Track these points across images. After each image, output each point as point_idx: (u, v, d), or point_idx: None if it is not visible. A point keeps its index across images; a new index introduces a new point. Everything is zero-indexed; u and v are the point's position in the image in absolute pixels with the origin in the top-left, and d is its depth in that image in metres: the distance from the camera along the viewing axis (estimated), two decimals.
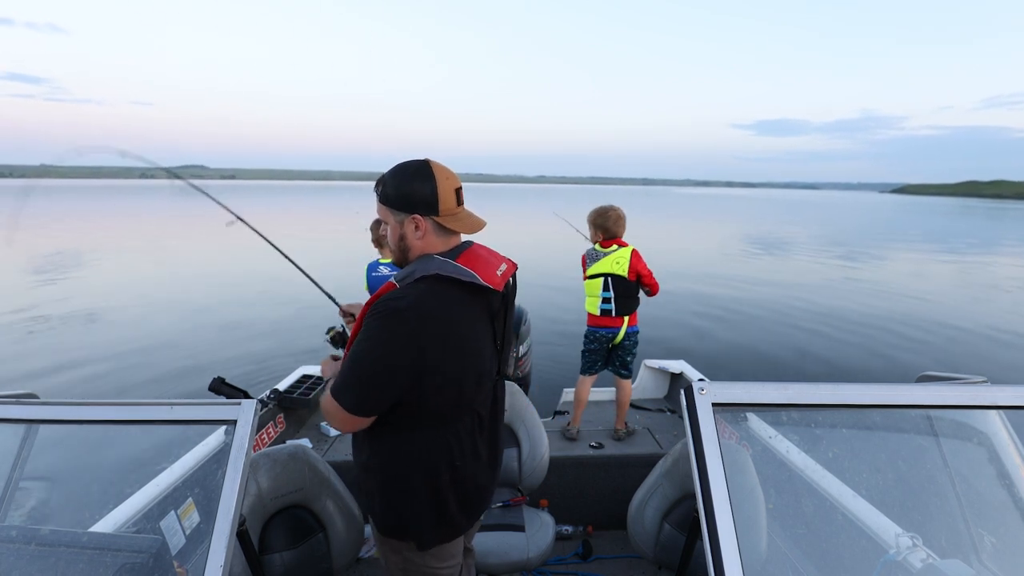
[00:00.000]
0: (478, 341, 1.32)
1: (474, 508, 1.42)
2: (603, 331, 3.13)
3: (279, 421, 3.10)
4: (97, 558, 1.11)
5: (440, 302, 1.22)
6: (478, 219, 1.36)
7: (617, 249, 3.04)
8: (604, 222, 3.07)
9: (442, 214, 1.28)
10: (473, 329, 1.30)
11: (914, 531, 1.37)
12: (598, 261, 3.08)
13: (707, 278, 13.43)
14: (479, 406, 1.36)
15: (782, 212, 55.23)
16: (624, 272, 3.01)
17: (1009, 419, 1.22)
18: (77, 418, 1.12)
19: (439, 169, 1.28)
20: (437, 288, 1.22)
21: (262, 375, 6.43)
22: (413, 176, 1.26)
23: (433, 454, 1.29)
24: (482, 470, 1.40)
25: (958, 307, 10.88)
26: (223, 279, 12.82)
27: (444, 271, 1.22)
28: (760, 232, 28.85)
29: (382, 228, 1.38)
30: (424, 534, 1.34)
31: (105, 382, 6.29)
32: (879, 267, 16.50)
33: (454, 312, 1.24)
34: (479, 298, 1.31)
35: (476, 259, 1.30)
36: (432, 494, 1.31)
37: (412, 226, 1.28)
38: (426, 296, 1.21)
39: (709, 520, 0.88)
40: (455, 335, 1.24)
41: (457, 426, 1.31)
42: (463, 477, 1.34)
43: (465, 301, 1.27)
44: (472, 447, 1.35)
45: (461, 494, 1.35)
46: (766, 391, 1.00)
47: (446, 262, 1.24)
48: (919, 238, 27.60)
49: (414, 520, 1.32)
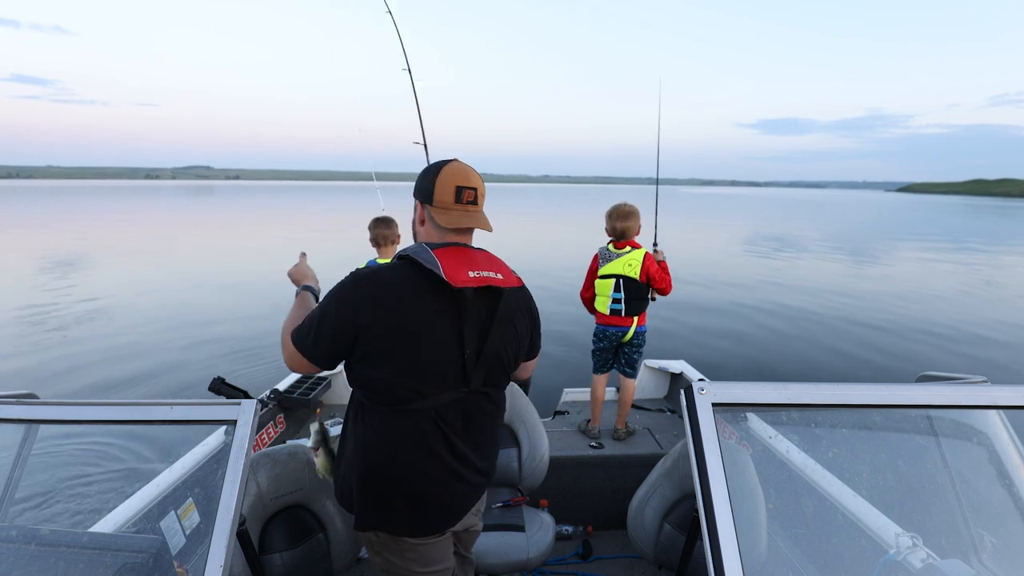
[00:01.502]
0: (429, 331, 1.28)
1: (428, 513, 1.36)
2: (612, 329, 3.14)
3: (279, 421, 3.10)
4: (97, 558, 1.11)
5: (395, 276, 1.28)
6: (475, 219, 1.36)
7: (630, 251, 3.06)
8: (611, 222, 3.09)
9: (435, 205, 1.35)
10: (421, 314, 1.27)
11: (914, 531, 1.37)
12: (610, 262, 3.08)
13: (708, 278, 13.43)
14: (438, 409, 1.31)
15: (786, 211, 55.21)
16: (636, 274, 3.03)
17: (1009, 419, 1.22)
18: (77, 418, 1.11)
19: (452, 166, 1.36)
20: (405, 268, 1.29)
21: (262, 375, 6.43)
22: (430, 168, 1.39)
23: (380, 438, 1.31)
24: (439, 478, 1.34)
25: (958, 307, 10.88)
26: (224, 280, 12.83)
27: (416, 255, 1.28)
28: (761, 232, 28.85)
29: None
30: (362, 513, 1.35)
31: (105, 382, 6.29)
32: (880, 267, 16.49)
33: (404, 289, 1.27)
34: (445, 294, 1.28)
35: (455, 255, 1.30)
36: (373, 476, 1.32)
37: (418, 213, 1.41)
38: (386, 270, 1.29)
39: (709, 520, 0.88)
40: (395, 307, 1.25)
41: (407, 418, 1.30)
42: (408, 472, 1.31)
43: (426, 289, 1.27)
44: (424, 446, 1.31)
45: (405, 491, 1.32)
46: (766, 391, 1.00)
47: (423, 249, 1.29)
48: (921, 237, 27.58)
49: (359, 497, 1.34)
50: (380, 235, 3.20)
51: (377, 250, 3.27)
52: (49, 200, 62.27)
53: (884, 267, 16.52)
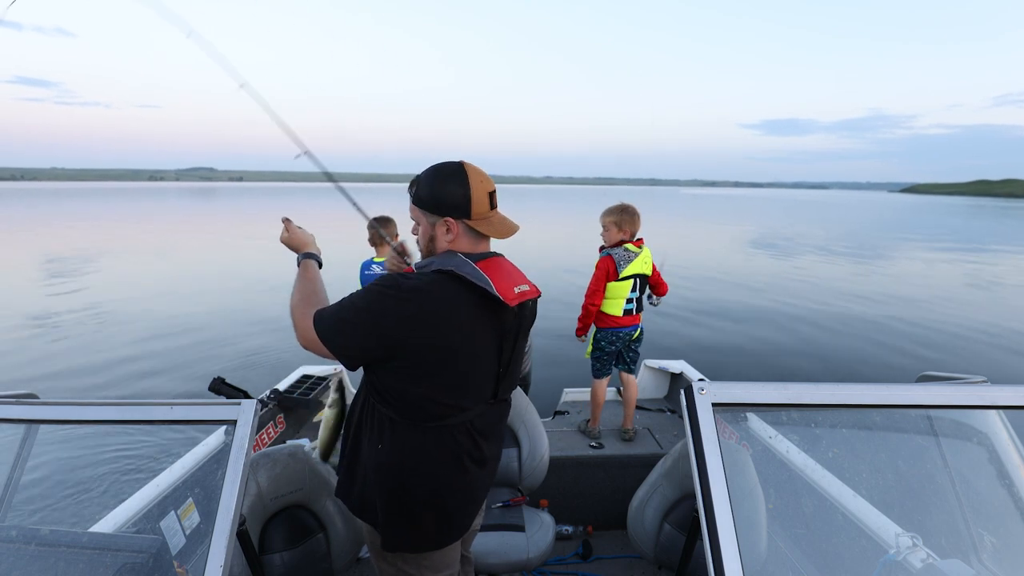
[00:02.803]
0: (476, 349, 1.24)
1: (454, 527, 1.34)
2: (626, 330, 3.13)
3: (279, 421, 3.10)
4: (97, 558, 1.11)
5: (445, 296, 1.18)
6: (511, 223, 1.33)
7: (643, 249, 3.09)
8: (625, 224, 3.03)
9: (474, 217, 1.25)
10: (471, 333, 1.22)
11: (914, 531, 1.37)
12: (631, 262, 3.02)
13: (708, 278, 13.43)
14: (473, 423, 1.29)
15: (788, 212, 55.11)
16: (649, 271, 3.09)
17: (1009, 419, 1.22)
18: (77, 418, 1.11)
19: (474, 172, 1.26)
20: (449, 284, 1.19)
21: (262, 375, 6.43)
22: (447, 178, 1.25)
23: (417, 453, 1.24)
24: (466, 488, 1.33)
25: (958, 307, 10.87)
26: (224, 280, 12.82)
27: (461, 270, 1.18)
28: (762, 232, 28.84)
29: (412, 228, 1.34)
30: (390, 531, 1.29)
31: (105, 382, 6.29)
32: (880, 268, 16.49)
33: (453, 307, 1.19)
34: (489, 310, 1.24)
35: (497, 269, 1.26)
36: (405, 491, 1.26)
37: (443, 228, 1.26)
38: (434, 286, 1.18)
39: (709, 520, 0.88)
40: (446, 326, 1.18)
41: (444, 433, 1.25)
42: (441, 487, 1.27)
43: (472, 307, 1.21)
44: (457, 459, 1.28)
45: (438, 506, 1.28)
46: (766, 391, 1.00)
47: (466, 263, 1.21)
48: (924, 237, 27.53)
49: (384, 514, 1.28)
50: (378, 234, 3.18)
51: (376, 249, 3.26)
52: (53, 202, 62.26)
53: (885, 268, 16.52)
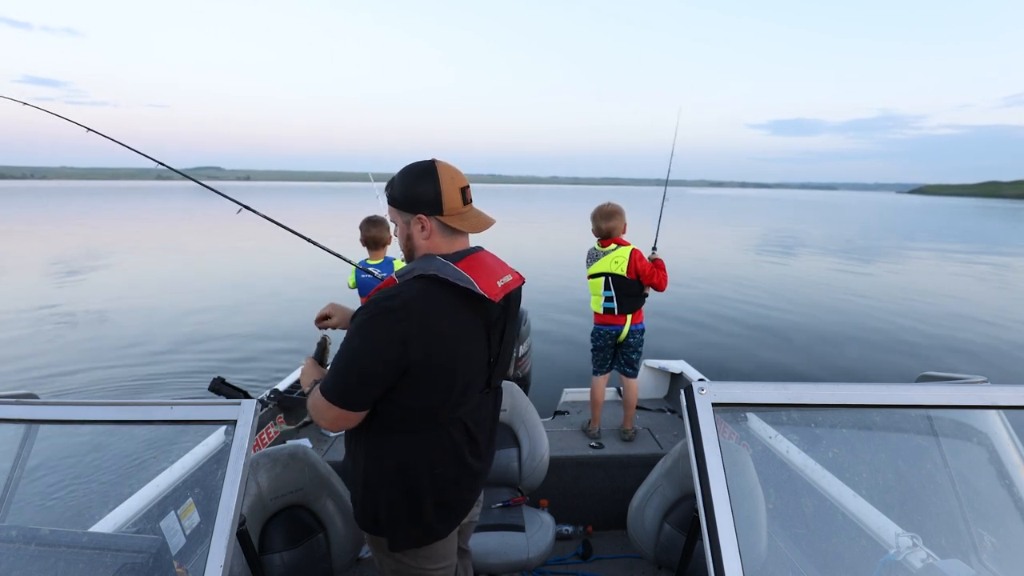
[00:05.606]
0: (468, 349, 1.28)
1: (453, 516, 1.39)
2: (607, 328, 3.17)
3: (279, 421, 3.10)
4: (97, 558, 1.11)
5: (431, 302, 1.20)
6: (486, 217, 1.34)
7: (616, 249, 3.08)
8: (596, 222, 3.13)
9: (447, 213, 1.27)
10: (463, 336, 1.26)
11: (914, 531, 1.37)
12: (597, 261, 3.13)
13: (708, 278, 13.43)
14: (466, 416, 1.32)
15: (795, 213, 54.97)
16: (623, 271, 3.05)
17: (1009, 419, 1.22)
18: (77, 418, 1.11)
19: (444, 169, 1.28)
20: (432, 289, 1.21)
21: (262, 375, 6.43)
22: (418, 177, 1.28)
23: (414, 457, 1.28)
24: (465, 479, 1.37)
25: (958, 307, 10.88)
26: (225, 280, 12.82)
27: (442, 273, 1.20)
28: (763, 233, 28.84)
29: (394, 230, 1.37)
30: (397, 534, 1.32)
31: (105, 382, 6.29)
32: (881, 268, 16.50)
33: (444, 316, 1.22)
34: (474, 306, 1.27)
35: (479, 266, 1.28)
36: (408, 496, 1.30)
37: (418, 226, 1.29)
38: (418, 295, 1.20)
39: (709, 520, 0.88)
40: (442, 338, 1.21)
41: (440, 432, 1.29)
42: (443, 484, 1.32)
43: (458, 307, 1.24)
44: (456, 455, 1.32)
45: (440, 501, 1.32)
46: (766, 391, 1.00)
47: (446, 264, 1.23)
48: (931, 239, 27.47)
49: (389, 519, 1.32)
50: (372, 236, 3.16)
51: (369, 252, 3.21)
52: (63, 201, 62.32)
53: (885, 268, 16.52)
